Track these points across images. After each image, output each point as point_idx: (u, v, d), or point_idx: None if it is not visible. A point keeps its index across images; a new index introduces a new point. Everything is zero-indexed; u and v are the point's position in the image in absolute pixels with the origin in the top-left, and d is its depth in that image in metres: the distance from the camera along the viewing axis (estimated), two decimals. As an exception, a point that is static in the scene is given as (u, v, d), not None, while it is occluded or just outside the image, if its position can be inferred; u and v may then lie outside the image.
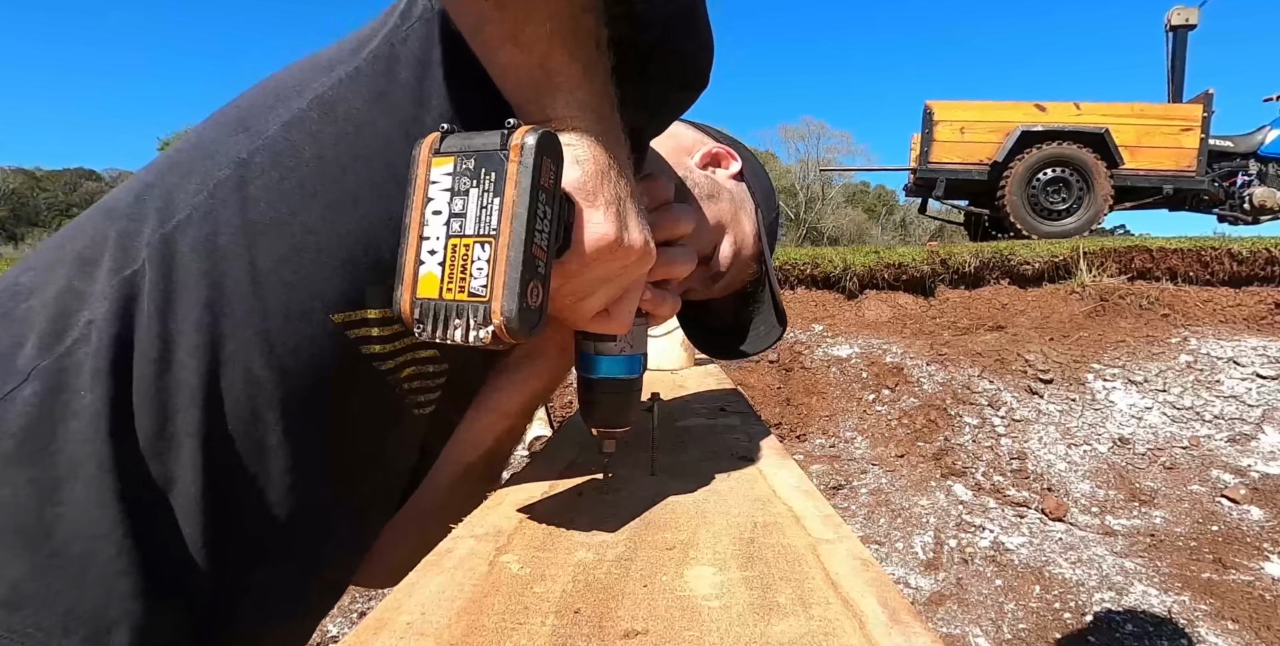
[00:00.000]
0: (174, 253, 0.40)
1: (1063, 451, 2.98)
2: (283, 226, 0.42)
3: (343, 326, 0.44)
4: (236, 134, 0.44)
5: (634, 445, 0.65)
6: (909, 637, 0.28)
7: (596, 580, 0.34)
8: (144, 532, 0.39)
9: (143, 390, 0.40)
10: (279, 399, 0.43)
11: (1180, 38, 5.96)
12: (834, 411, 3.38)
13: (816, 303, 4.36)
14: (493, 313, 0.34)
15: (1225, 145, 5.74)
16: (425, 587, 0.33)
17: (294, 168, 0.42)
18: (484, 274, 0.34)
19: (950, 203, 6.33)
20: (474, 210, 0.35)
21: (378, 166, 0.43)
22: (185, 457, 0.40)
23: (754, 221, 0.65)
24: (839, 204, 32.34)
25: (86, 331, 0.39)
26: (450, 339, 0.35)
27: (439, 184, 0.36)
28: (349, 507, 0.51)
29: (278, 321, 0.42)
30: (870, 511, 2.72)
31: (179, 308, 0.40)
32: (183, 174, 0.43)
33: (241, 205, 0.41)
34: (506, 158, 0.34)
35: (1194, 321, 3.84)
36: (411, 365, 0.48)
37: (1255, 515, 2.60)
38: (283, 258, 0.42)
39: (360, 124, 0.43)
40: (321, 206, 0.42)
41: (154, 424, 0.40)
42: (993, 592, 2.27)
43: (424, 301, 0.35)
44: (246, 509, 0.44)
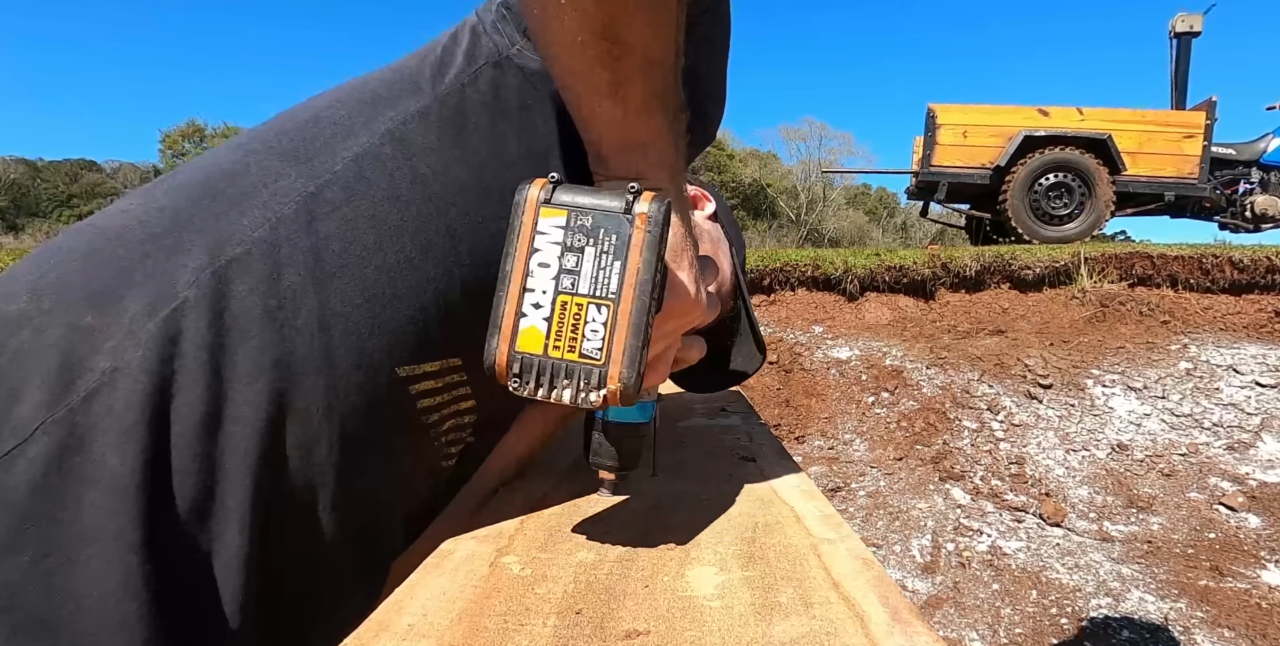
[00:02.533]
0: (229, 292, 0.36)
1: (1061, 456, 2.98)
2: (356, 269, 0.38)
3: (407, 380, 0.41)
4: (295, 165, 0.40)
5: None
6: (910, 637, 0.28)
7: (598, 581, 0.34)
8: (177, 625, 0.34)
9: (184, 452, 0.34)
10: (335, 460, 0.38)
11: (1184, 44, 5.96)
12: (833, 413, 3.37)
13: (816, 304, 4.36)
14: (609, 377, 0.34)
15: (1227, 153, 5.74)
16: (427, 589, 0.33)
17: (368, 208, 0.39)
18: (599, 337, 0.34)
19: (952, 206, 6.33)
20: (590, 269, 0.35)
21: (453, 216, 0.41)
22: (232, 528, 0.35)
23: (730, 259, 0.67)
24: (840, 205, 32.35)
25: (110, 380, 0.33)
26: (555, 398, 0.34)
27: (548, 236, 0.35)
28: (375, 567, 0.46)
29: (345, 373, 0.38)
30: (868, 514, 2.72)
31: (235, 355, 0.35)
32: (230, 203, 0.38)
33: (312, 244, 0.38)
34: (632, 223, 0.34)
35: (1194, 328, 3.84)
36: (451, 417, 0.45)
37: (1253, 523, 2.60)
38: (355, 304, 0.38)
39: (436, 167, 0.41)
40: (396, 252, 0.39)
41: (200, 487, 0.34)
42: (990, 596, 2.27)
43: (525, 356, 0.34)
44: (291, 581, 0.39)
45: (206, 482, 0.34)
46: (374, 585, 0.47)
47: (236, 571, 0.35)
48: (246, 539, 0.35)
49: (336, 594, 0.42)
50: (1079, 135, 5.46)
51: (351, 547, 0.42)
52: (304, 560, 0.40)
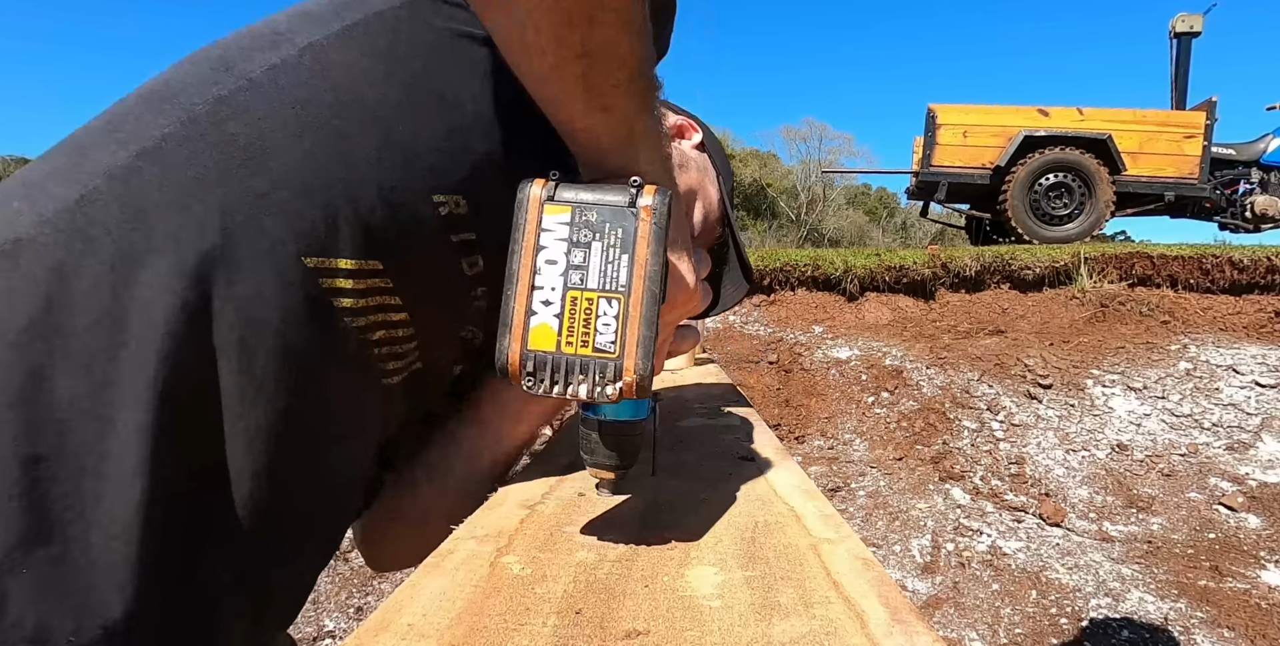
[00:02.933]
0: (137, 180, 0.38)
1: (1061, 456, 2.98)
2: (259, 162, 0.40)
3: (315, 271, 0.41)
4: (219, 71, 0.42)
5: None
6: (911, 637, 0.28)
7: (598, 580, 0.34)
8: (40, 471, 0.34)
9: (82, 318, 0.36)
10: (236, 343, 0.39)
11: (1184, 44, 5.96)
12: (833, 413, 3.38)
13: (817, 304, 4.36)
14: (625, 370, 0.34)
15: (1228, 153, 5.74)
16: (427, 589, 0.33)
17: (277, 110, 0.41)
18: (612, 330, 0.34)
19: (952, 206, 6.33)
20: (598, 264, 0.35)
21: (369, 124, 0.42)
22: (130, 399, 0.36)
23: (717, 187, 0.69)
24: (840, 206, 32.37)
25: (13, 249, 0.36)
26: (571, 394, 0.35)
27: (553, 232, 0.35)
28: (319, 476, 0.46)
29: (246, 254, 0.39)
30: (868, 514, 2.72)
31: (140, 236, 0.37)
32: (152, 106, 0.41)
33: (217, 139, 0.40)
34: (637, 216, 0.35)
35: (1194, 328, 3.85)
36: (382, 328, 0.45)
37: (1253, 523, 2.60)
38: (258, 193, 0.40)
39: (355, 80, 0.43)
40: (303, 151, 0.41)
41: (95, 356, 0.36)
42: (989, 597, 2.27)
43: (538, 354, 0.35)
44: (189, 471, 0.39)
45: (104, 352, 0.36)
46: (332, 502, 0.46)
47: (133, 449, 0.36)
48: (150, 415, 0.36)
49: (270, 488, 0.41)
50: (1079, 135, 5.46)
51: (266, 435, 0.41)
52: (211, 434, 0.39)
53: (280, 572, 0.45)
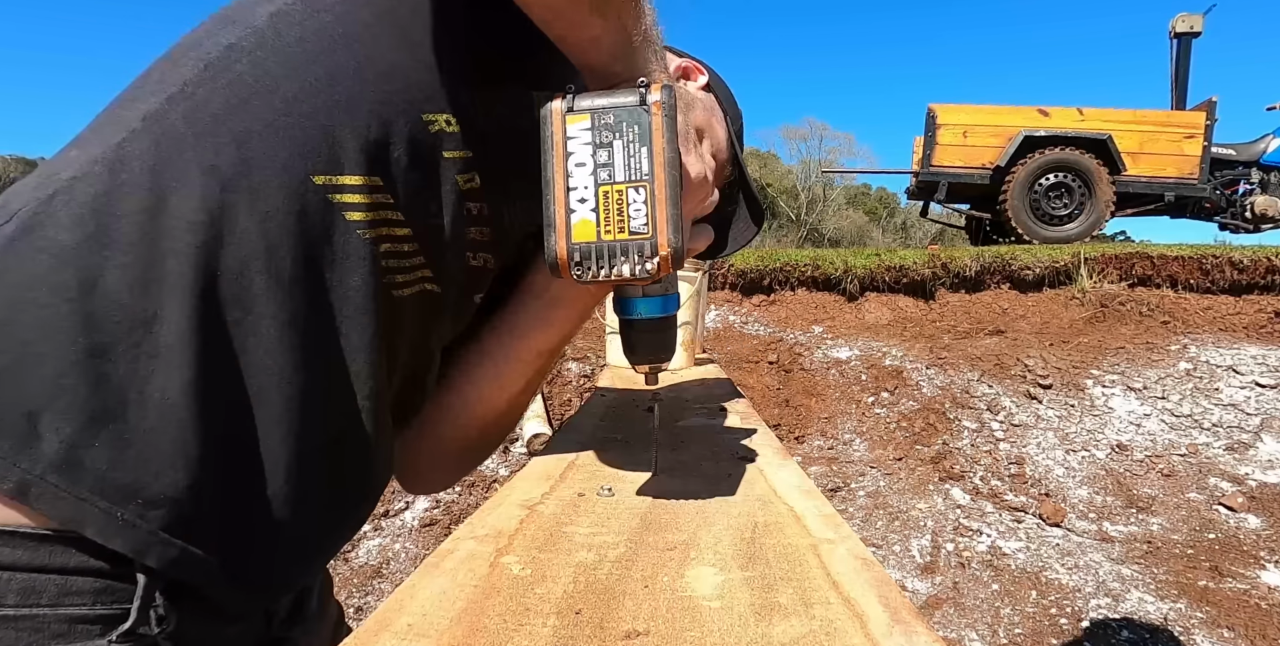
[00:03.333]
0: (166, 120, 0.44)
1: (1061, 457, 2.98)
2: (267, 95, 0.45)
3: (325, 188, 0.46)
4: (225, 26, 0.48)
5: (634, 445, 0.65)
6: (910, 637, 0.28)
7: (597, 581, 0.34)
8: (104, 359, 0.40)
9: (129, 235, 0.41)
10: (263, 251, 0.44)
11: (1184, 45, 5.96)
12: (833, 413, 3.38)
13: (817, 304, 4.36)
14: (659, 246, 0.38)
15: (1228, 153, 5.74)
16: (426, 589, 0.33)
17: (278, 48, 0.47)
18: (643, 214, 0.39)
19: (952, 206, 6.33)
20: (621, 159, 0.39)
21: (356, 51, 0.48)
22: (173, 299, 0.41)
23: (725, 127, 0.70)
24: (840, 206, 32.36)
25: (69, 184, 0.42)
26: (616, 275, 0.39)
27: (577, 139, 0.40)
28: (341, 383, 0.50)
29: (263, 175, 0.44)
30: (868, 514, 2.72)
31: (171, 166, 0.43)
32: (174, 62, 0.47)
33: (229, 79, 0.45)
34: (649, 111, 0.39)
35: (1194, 329, 3.85)
36: (387, 241, 0.49)
37: (1252, 523, 2.60)
38: (266, 122, 0.45)
39: (340, 14, 0.48)
40: (301, 80, 0.46)
41: (140, 264, 0.41)
42: (989, 597, 2.27)
43: (582, 245, 0.39)
44: (230, 366, 0.44)
45: (148, 261, 0.41)
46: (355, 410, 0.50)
47: (180, 341, 0.41)
48: (191, 313, 0.41)
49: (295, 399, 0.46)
50: (1079, 135, 5.46)
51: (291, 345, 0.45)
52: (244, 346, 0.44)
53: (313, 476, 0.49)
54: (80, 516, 0.38)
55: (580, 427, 0.75)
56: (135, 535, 0.39)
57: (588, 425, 0.76)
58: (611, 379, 1.13)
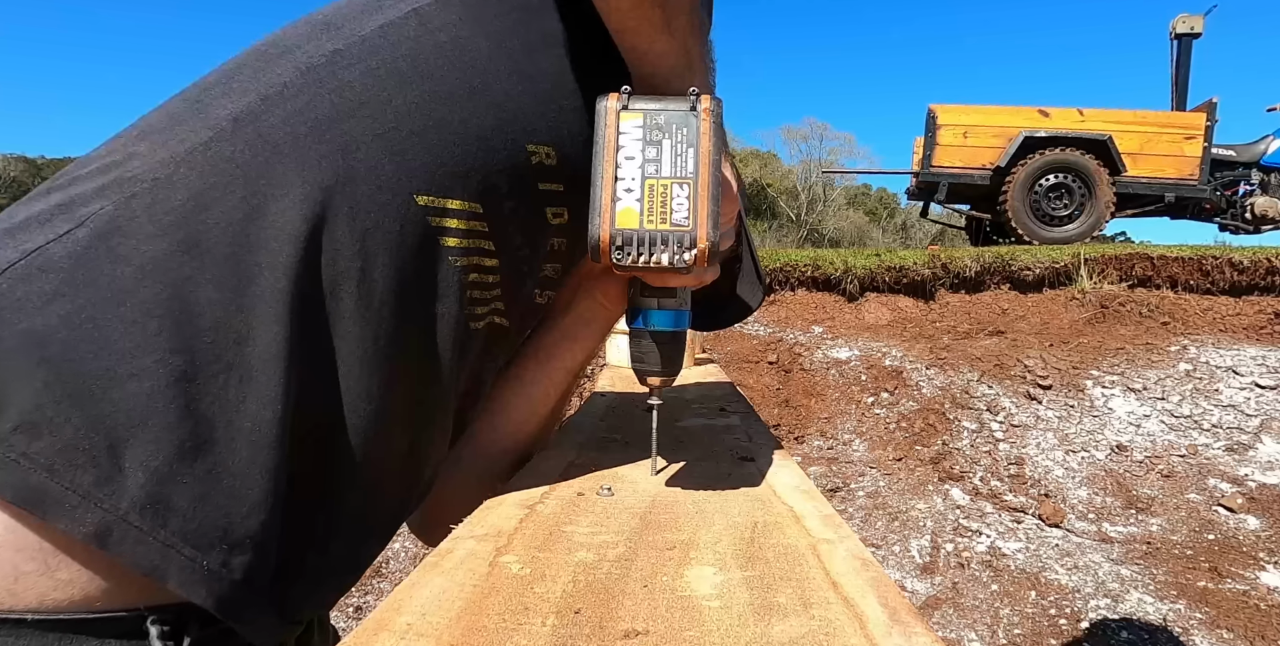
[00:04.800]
0: (265, 121, 0.41)
1: (1060, 457, 2.98)
2: (376, 106, 0.43)
3: (427, 210, 0.45)
4: (324, 33, 0.46)
5: (634, 445, 0.65)
6: (910, 638, 0.28)
7: (597, 580, 0.34)
8: (194, 383, 0.36)
9: (221, 247, 0.38)
10: (358, 271, 0.42)
11: (1185, 45, 5.96)
12: (832, 413, 3.38)
13: (816, 304, 4.36)
14: (699, 238, 0.41)
15: (1228, 154, 5.74)
16: (425, 588, 0.33)
17: (389, 60, 0.45)
18: (685, 208, 0.41)
19: (952, 207, 6.33)
20: (669, 157, 0.42)
21: (470, 76, 0.46)
22: (266, 317, 0.38)
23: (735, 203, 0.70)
24: (840, 206, 32.36)
25: (151, 187, 0.38)
26: (655, 262, 0.41)
27: (629, 134, 0.42)
28: (411, 413, 0.48)
29: (366, 191, 0.42)
30: (867, 514, 2.72)
31: (269, 172, 0.40)
32: (267, 61, 0.44)
33: (336, 86, 0.43)
34: (699, 116, 0.42)
35: (1194, 330, 3.85)
36: (476, 271, 0.48)
37: (1252, 524, 2.60)
38: (375, 133, 0.43)
39: (456, 37, 0.47)
40: (414, 96, 0.44)
41: (233, 279, 0.38)
42: (989, 597, 2.27)
43: (624, 231, 0.41)
44: (318, 390, 0.41)
45: (240, 275, 0.38)
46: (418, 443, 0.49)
47: (273, 364, 0.38)
48: (284, 334, 0.38)
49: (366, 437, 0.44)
50: (1079, 136, 5.46)
51: (371, 365, 0.43)
52: (328, 382, 0.42)
53: (374, 504, 0.47)
54: (164, 564, 0.34)
55: (580, 427, 0.75)
56: (219, 586, 0.36)
57: (588, 425, 0.76)
58: (611, 379, 1.13)
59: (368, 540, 0.49)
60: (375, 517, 0.48)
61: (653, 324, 0.49)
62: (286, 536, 0.40)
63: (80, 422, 0.33)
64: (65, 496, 0.32)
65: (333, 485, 0.43)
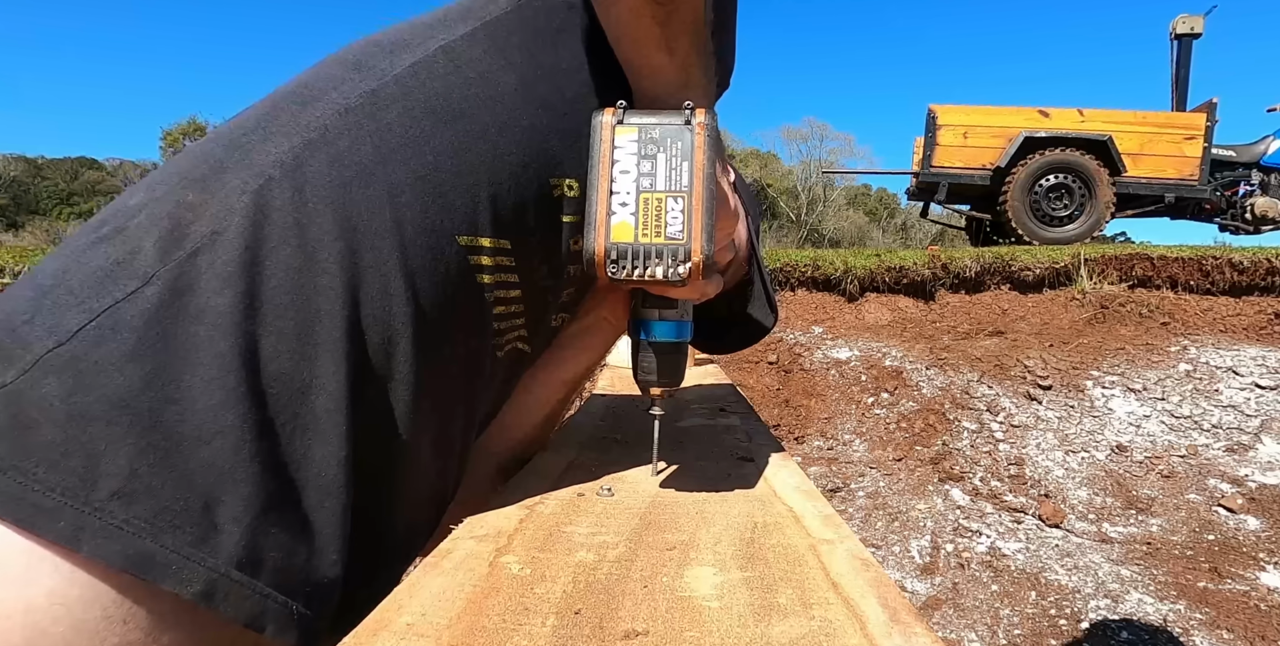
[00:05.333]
0: (309, 168, 0.41)
1: (1060, 458, 2.98)
2: (417, 147, 0.44)
3: (466, 249, 0.45)
4: (358, 71, 0.46)
5: (634, 445, 0.65)
6: (909, 638, 0.28)
7: (597, 581, 0.34)
8: (269, 436, 0.37)
9: (281, 296, 0.39)
10: (411, 316, 0.42)
11: (1185, 46, 5.96)
12: (832, 414, 3.38)
13: (816, 305, 4.36)
14: (693, 251, 0.41)
15: (1228, 155, 5.74)
16: (425, 588, 0.33)
17: (424, 100, 0.45)
18: (679, 222, 0.41)
19: (952, 207, 6.33)
20: (664, 171, 0.42)
21: (500, 111, 0.47)
22: (327, 365, 0.39)
23: (747, 227, 0.70)
24: (840, 206, 32.36)
25: (211, 241, 0.38)
26: (650, 275, 0.41)
27: (624, 149, 0.42)
28: (447, 443, 0.49)
29: (411, 234, 0.42)
30: (867, 514, 2.72)
31: (319, 219, 0.40)
32: (304, 102, 0.44)
33: (376, 127, 0.43)
34: (693, 131, 0.42)
35: (1194, 330, 3.85)
36: (501, 303, 0.49)
37: (1252, 525, 2.60)
38: (418, 175, 0.43)
39: (484, 73, 0.48)
40: (452, 136, 0.45)
41: (294, 328, 0.38)
42: (989, 598, 2.27)
43: (619, 245, 0.41)
44: (373, 434, 0.41)
45: (301, 324, 0.39)
46: (448, 469, 0.50)
47: (335, 411, 0.39)
48: (341, 370, 0.39)
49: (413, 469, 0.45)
50: (1080, 137, 5.46)
51: (421, 407, 0.44)
52: (385, 408, 0.42)
53: (411, 534, 0.48)
54: (262, 614, 0.35)
55: (580, 427, 0.75)
56: (309, 629, 0.37)
57: (588, 425, 0.76)
58: (611, 379, 1.13)
59: (404, 565, 0.50)
60: (412, 544, 0.49)
61: (654, 335, 0.49)
62: (351, 572, 0.41)
63: (175, 484, 0.34)
64: (171, 558, 0.33)
65: (383, 522, 0.44)
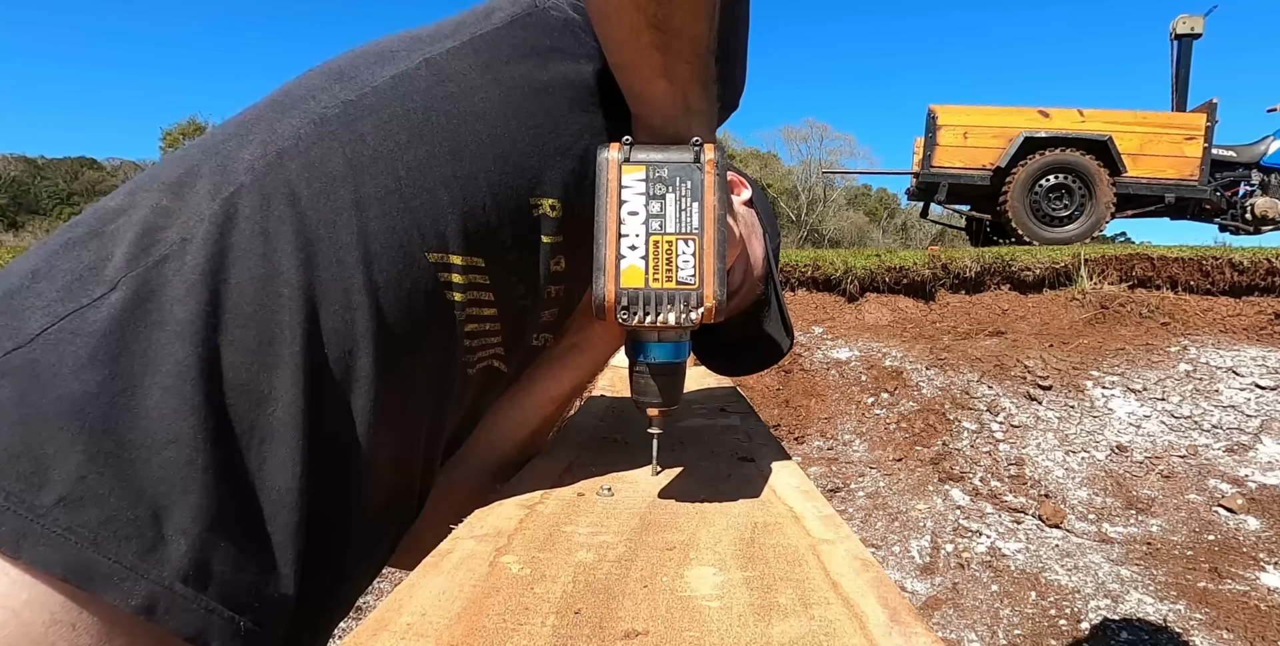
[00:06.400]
0: (281, 176, 0.41)
1: (1060, 458, 2.98)
2: (389, 160, 0.43)
3: (436, 266, 0.45)
4: (338, 82, 0.45)
5: (634, 445, 0.65)
6: (909, 638, 0.28)
7: (597, 580, 0.34)
8: (224, 446, 0.36)
9: (243, 306, 0.38)
10: (373, 331, 0.42)
11: (1185, 46, 5.96)
12: (832, 414, 3.37)
13: (817, 305, 4.36)
14: (705, 296, 0.41)
15: (1228, 155, 5.73)
16: (425, 588, 0.33)
17: (402, 113, 0.44)
18: (691, 265, 0.40)
19: (952, 207, 6.32)
20: (673, 212, 0.41)
21: (481, 128, 0.46)
22: (286, 377, 0.38)
23: (763, 245, 0.69)
24: (840, 206, 32.36)
25: (180, 248, 0.38)
26: (661, 322, 0.41)
27: (632, 189, 0.41)
28: (410, 455, 0.49)
29: (378, 247, 0.42)
30: (867, 515, 2.72)
31: (285, 228, 0.40)
32: (282, 111, 0.44)
33: (350, 138, 0.43)
34: (702, 170, 0.41)
35: (1194, 330, 3.84)
36: (474, 321, 0.48)
37: (1252, 525, 2.60)
38: (388, 189, 0.43)
39: (467, 88, 0.47)
40: (426, 151, 0.44)
41: (255, 339, 0.38)
42: (989, 598, 2.27)
43: (630, 291, 0.40)
44: (329, 447, 0.41)
45: (265, 331, 0.38)
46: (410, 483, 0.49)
47: (292, 424, 0.38)
48: (299, 383, 0.39)
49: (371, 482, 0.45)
50: (1080, 137, 5.45)
51: (381, 421, 0.44)
52: (343, 421, 0.42)
53: (373, 543, 0.48)
54: (207, 629, 0.34)
55: (580, 427, 0.75)
56: (257, 645, 0.36)
57: (588, 425, 0.76)
58: (612, 379, 1.13)
59: (368, 574, 0.50)
60: (371, 559, 0.49)
61: (651, 356, 0.48)
62: (304, 587, 0.40)
63: (123, 492, 0.33)
64: (113, 569, 0.32)
65: (339, 536, 0.44)
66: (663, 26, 0.40)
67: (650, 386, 0.49)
